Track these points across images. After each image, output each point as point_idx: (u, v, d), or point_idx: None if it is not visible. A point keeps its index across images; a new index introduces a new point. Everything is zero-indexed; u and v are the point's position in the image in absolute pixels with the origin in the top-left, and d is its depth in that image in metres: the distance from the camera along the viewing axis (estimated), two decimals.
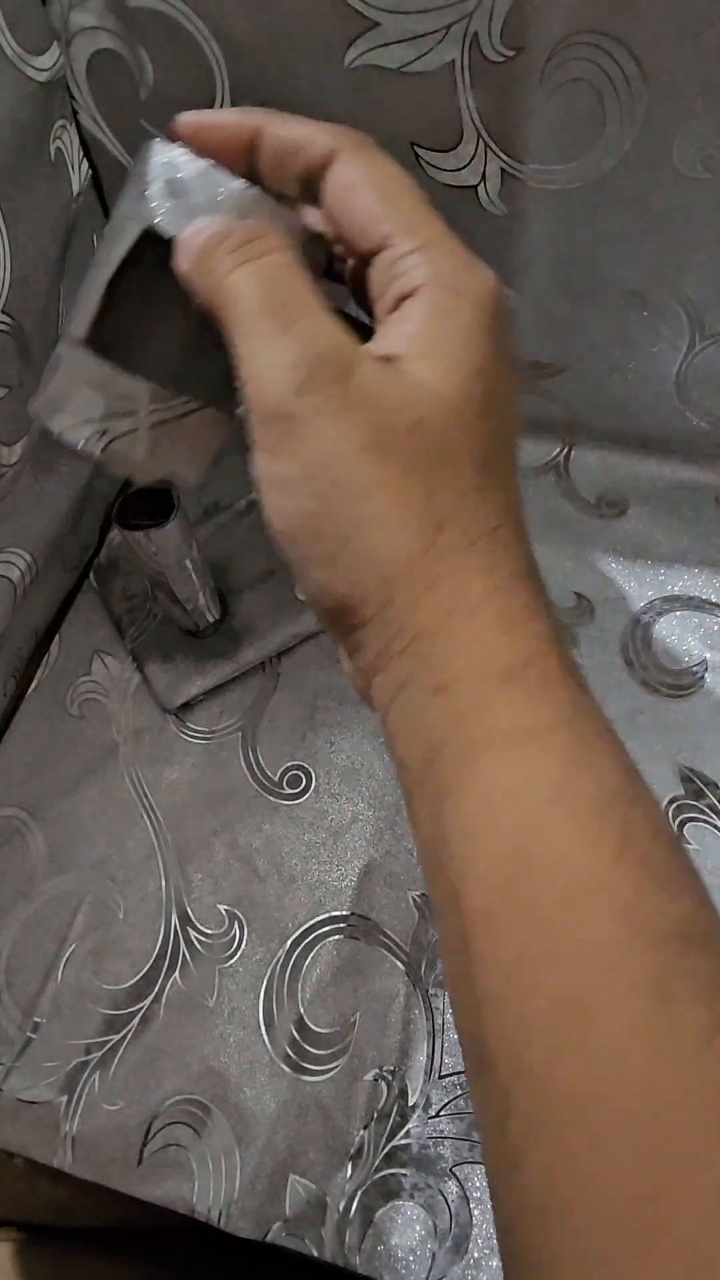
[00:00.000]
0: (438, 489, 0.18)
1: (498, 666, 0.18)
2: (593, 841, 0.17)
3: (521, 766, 0.18)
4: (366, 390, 0.18)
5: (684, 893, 0.17)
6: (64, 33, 0.33)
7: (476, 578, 0.18)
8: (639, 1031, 0.16)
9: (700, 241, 0.34)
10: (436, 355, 0.19)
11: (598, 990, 0.16)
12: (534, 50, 0.29)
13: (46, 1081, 0.31)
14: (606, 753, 0.18)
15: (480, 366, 0.19)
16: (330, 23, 0.30)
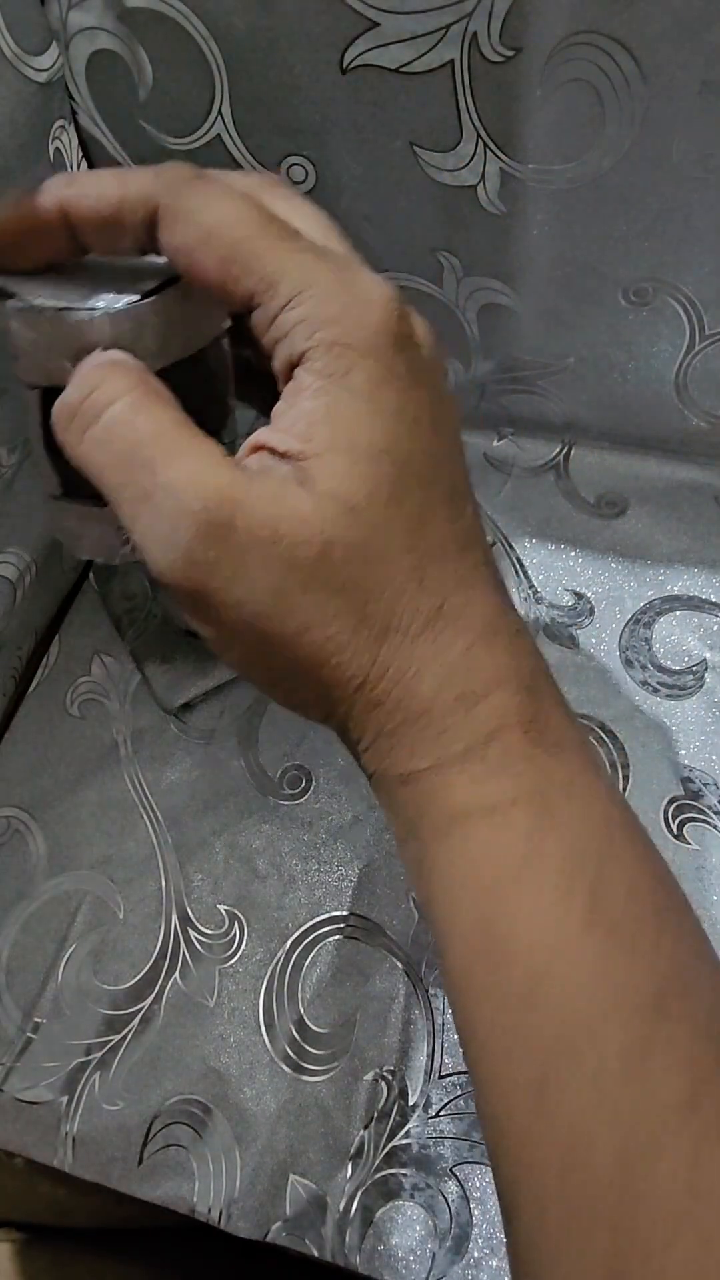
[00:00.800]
0: (368, 600, 0.17)
1: (456, 749, 0.17)
2: (559, 914, 0.17)
3: (486, 841, 0.17)
4: (256, 536, 0.16)
5: (658, 958, 0.16)
6: (63, 33, 0.33)
7: (425, 675, 0.17)
8: (607, 1112, 0.16)
9: (700, 241, 0.34)
10: (334, 449, 0.17)
11: (565, 1069, 0.16)
12: (533, 50, 0.29)
13: (47, 1082, 0.31)
14: (575, 819, 0.17)
15: (388, 439, 0.17)
16: (329, 23, 0.30)
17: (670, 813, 0.34)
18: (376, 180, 0.35)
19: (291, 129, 0.34)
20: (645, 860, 0.18)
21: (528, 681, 0.18)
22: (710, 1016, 0.16)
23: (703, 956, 0.17)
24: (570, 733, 0.18)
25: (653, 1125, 0.15)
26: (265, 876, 0.34)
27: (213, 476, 0.16)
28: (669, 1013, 0.16)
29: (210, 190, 0.18)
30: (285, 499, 0.16)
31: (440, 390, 0.18)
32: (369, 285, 0.18)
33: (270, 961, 0.32)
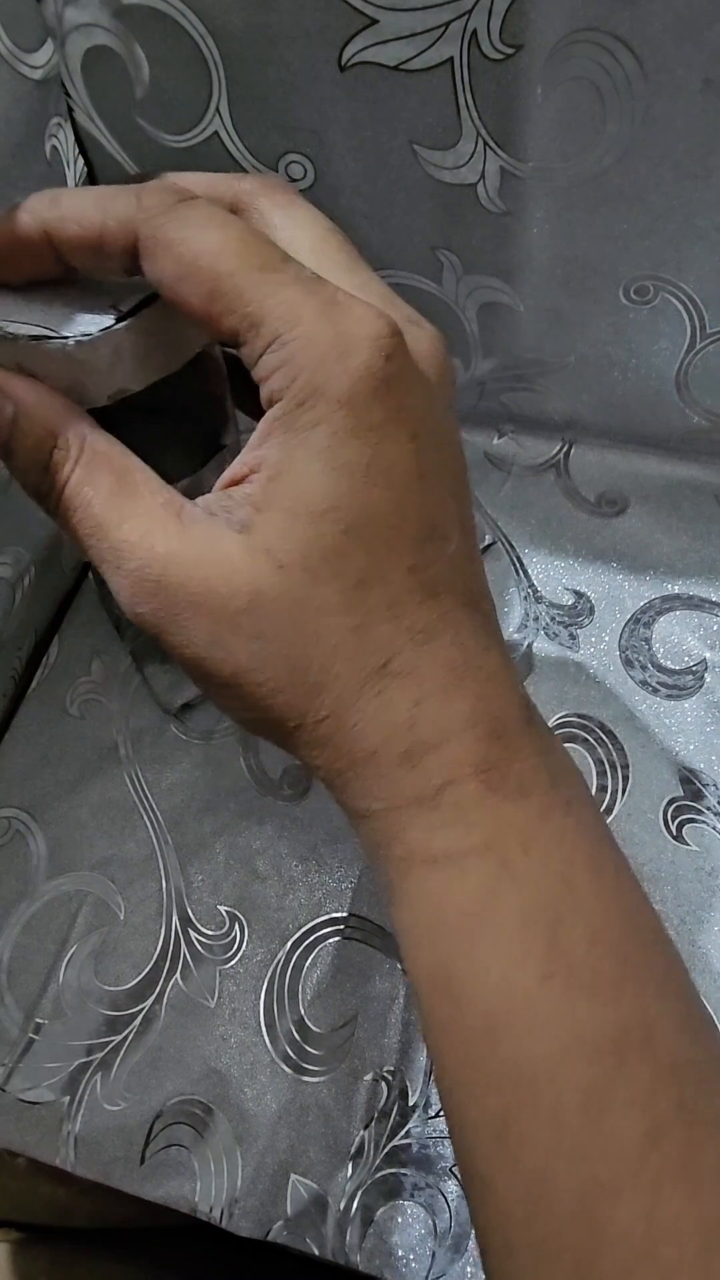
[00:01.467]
0: (302, 654, 0.17)
1: (407, 796, 0.18)
2: (516, 962, 0.17)
3: (444, 888, 0.17)
4: (187, 590, 0.17)
5: (619, 1003, 0.16)
6: (58, 30, 0.32)
7: (367, 729, 0.17)
8: (566, 1151, 0.16)
9: (701, 239, 0.34)
10: (278, 505, 0.17)
11: (525, 1109, 0.16)
12: (534, 48, 0.29)
13: (49, 1082, 0.31)
14: (533, 868, 0.17)
15: (336, 498, 0.17)
16: (327, 20, 0.30)
17: (670, 813, 0.34)
18: (376, 178, 0.35)
19: (290, 127, 0.34)
20: (612, 902, 0.18)
21: (492, 726, 0.18)
22: (673, 1058, 0.16)
23: (670, 997, 0.17)
24: (538, 775, 0.18)
25: (613, 1164, 0.15)
26: (265, 877, 0.34)
27: (147, 538, 0.17)
28: (628, 1055, 0.16)
29: (193, 218, 0.17)
30: (217, 550, 0.17)
31: (432, 426, 0.18)
32: (355, 324, 0.17)
33: (271, 962, 0.33)
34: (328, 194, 0.36)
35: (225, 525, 0.17)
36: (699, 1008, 0.18)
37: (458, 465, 0.19)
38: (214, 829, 0.35)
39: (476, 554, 0.19)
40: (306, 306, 0.16)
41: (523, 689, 0.19)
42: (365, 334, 0.16)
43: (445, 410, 0.19)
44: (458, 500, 0.18)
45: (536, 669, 0.38)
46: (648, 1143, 0.15)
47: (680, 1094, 0.16)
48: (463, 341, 0.41)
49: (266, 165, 0.35)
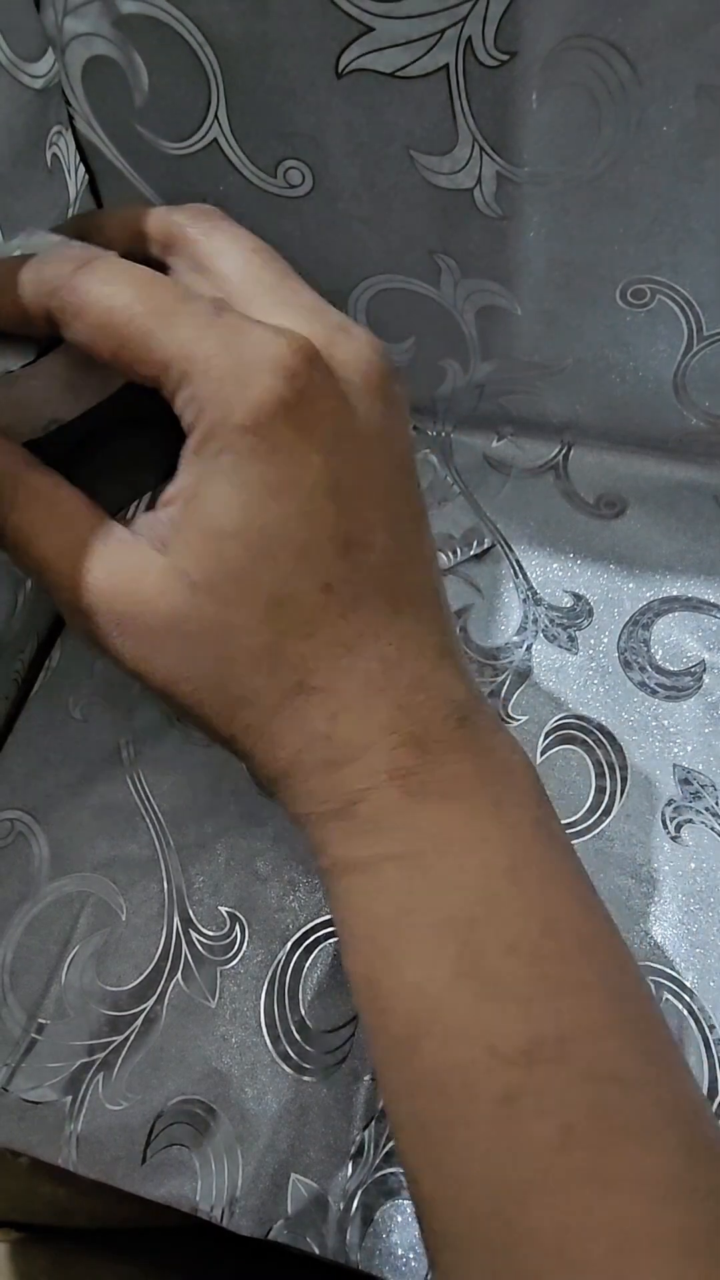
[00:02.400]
0: (220, 670, 0.18)
1: (326, 807, 0.18)
2: (431, 968, 0.17)
3: (364, 896, 0.18)
4: (111, 610, 0.18)
5: (533, 1010, 0.17)
6: (58, 39, 0.33)
7: (283, 742, 0.18)
8: (480, 1152, 0.16)
9: (697, 242, 0.34)
10: (191, 526, 0.17)
11: (442, 1112, 0.17)
12: (528, 54, 0.29)
13: (51, 1082, 0.31)
14: (449, 875, 0.18)
15: (244, 519, 0.17)
16: (323, 27, 0.30)
17: (668, 814, 0.34)
18: (373, 184, 0.35)
19: (288, 133, 0.34)
20: (534, 910, 0.18)
21: (413, 733, 0.18)
22: (590, 1066, 0.16)
23: (593, 1006, 0.17)
24: (463, 778, 0.18)
25: (524, 1167, 0.16)
26: (266, 878, 0.34)
27: (75, 568, 0.18)
28: (541, 1061, 0.16)
29: (90, 281, 0.18)
30: (136, 574, 0.18)
31: (351, 436, 0.18)
32: (254, 349, 0.17)
33: (271, 963, 0.33)
34: (326, 200, 0.36)
35: (147, 545, 0.18)
36: (636, 1013, 0.18)
37: (387, 471, 0.19)
38: (215, 830, 0.36)
39: (410, 558, 0.19)
40: (206, 341, 0.17)
41: (464, 688, 0.19)
42: (265, 357, 0.17)
43: (374, 416, 0.18)
44: (386, 506, 0.18)
45: (535, 671, 0.38)
46: (558, 1147, 0.16)
47: (595, 1100, 0.16)
48: (461, 345, 0.41)
49: (265, 171, 0.35)
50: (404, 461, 0.19)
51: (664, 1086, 0.17)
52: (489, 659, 0.38)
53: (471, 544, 0.41)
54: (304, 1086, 0.31)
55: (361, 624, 0.18)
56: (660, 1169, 0.16)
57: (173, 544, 0.18)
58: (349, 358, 0.18)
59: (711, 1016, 0.31)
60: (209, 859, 0.35)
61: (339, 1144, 0.30)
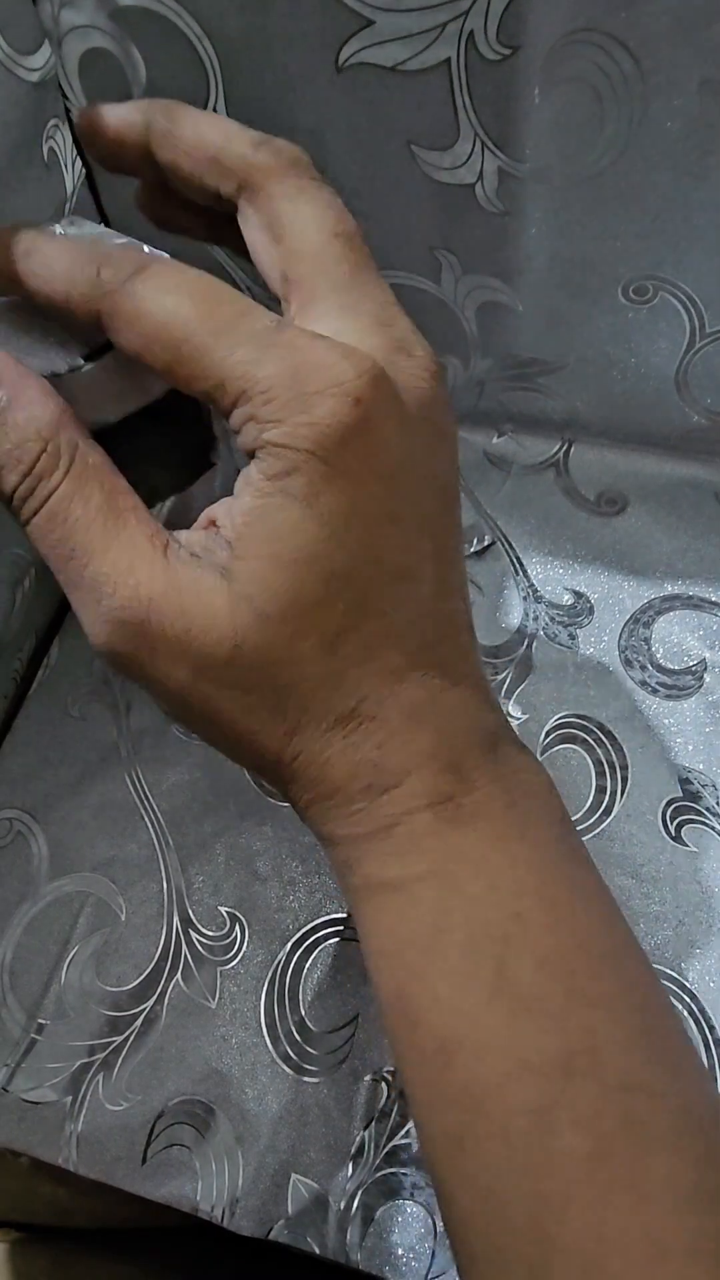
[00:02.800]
0: (279, 699, 0.18)
1: (365, 830, 0.18)
2: (465, 985, 0.17)
3: (396, 914, 0.18)
4: (169, 635, 0.17)
5: (567, 1024, 0.17)
6: (55, 32, 0.32)
7: (335, 764, 0.18)
8: (517, 1166, 0.16)
9: (700, 239, 0.34)
10: (259, 554, 0.17)
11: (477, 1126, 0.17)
12: (531, 48, 0.29)
13: (51, 1082, 0.31)
14: (482, 894, 0.18)
15: (315, 547, 0.17)
16: (324, 21, 0.30)
17: (668, 814, 0.34)
18: (374, 179, 0.35)
19: (287, 128, 0.34)
20: (563, 926, 0.18)
21: (450, 760, 0.18)
22: (621, 1078, 0.17)
23: (620, 1020, 0.17)
24: (494, 801, 0.18)
25: (561, 1180, 0.16)
26: (266, 879, 0.34)
27: (131, 574, 0.17)
28: (574, 1076, 0.16)
29: (147, 290, 0.17)
30: (202, 596, 0.17)
31: (409, 465, 0.18)
32: (320, 375, 0.16)
33: (271, 963, 0.33)
34: None
35: (209, 568, 0.17)
36: (660, 1023, 0.18)
37: (436, 501, 0.19)
38: (215, 830, 0.36)
39: (453, 588, 0.19)
40: (267, 363, 0.16)
41: (493, 714, 0.20)
42: (329, 381, 0.16)
43: (427, 444, 0.18)
44: (434, 537, 0.18)
45: (535, 669, 0.38)
46: (594, 1159, 0.16)
47: (627, 1112, 0.16)
48: (462, 341, 0.41)
49: None
50: (451, 492, 0.19)
51: (687, 1095, 0.17)
52: (489, 657, 0.38)
53: (472, 541, 0.41)
54: (304, 1087, 0.31)
55: (410, 652, 0.18)
56: (688, 1177, 0.16)
57: (236, 570, 0.17)
58: (409, 381, 0.18)
59: (712, 1017, 0.31)
60: (209, 859, 0.35)
61: (339, 1144, 0.30)
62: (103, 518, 0.17)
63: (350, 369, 0.16)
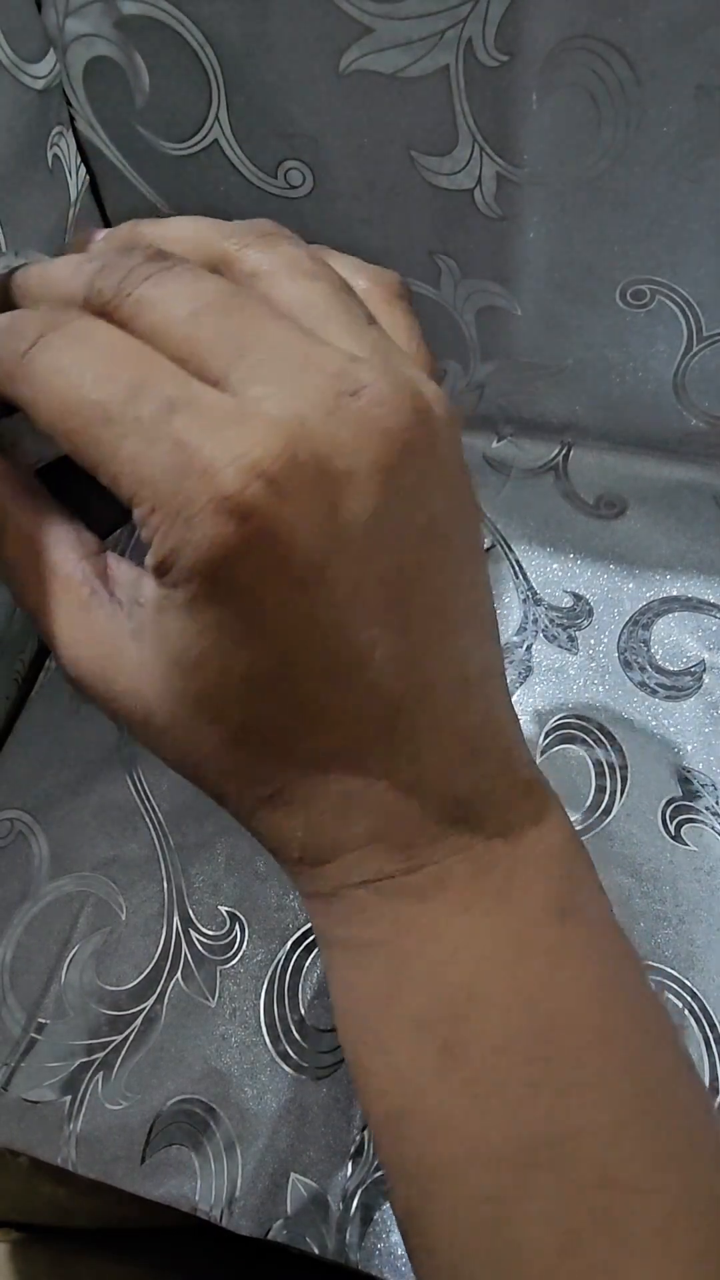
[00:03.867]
0: (196, 772, 0.17)
1: (308, 889, 0.18)
2: (413, 1059, 0.16)
3: (351, 973, 0.17)
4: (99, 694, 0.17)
5: (527, 1113, 0.16)
6: (60, 40, 0.33)
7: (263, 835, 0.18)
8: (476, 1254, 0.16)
9: (697, 243, 0.34)
10: (153, 648, 0.16)
11: (434, 1206, 0.16)
12: (528, 55, 0.29)
13: (50, 1081, 0.31)
14: (431, 971, 0.17)
15: (199, 656, 0.15)
16: (324, 28, 0.30)
17: (668, 814, 0.34)
18: (374, 184, 0.35)
19: (288, 134, 0.34)
20: (534, 1006, 0.16)
21: (397, 841, 0.17)
22: (599, 1172, 0.15)
23: (603, 1105, 0.16)
24: (452, 874, 0.17)
25: (524, 1271, 0.15)
26: (266, 878, 0.34)
27: (61, 635, 0.17)
28: (537, 1166, 0.15)
29: (45, 361, 0.15)
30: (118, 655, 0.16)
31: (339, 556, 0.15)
32: (201, 485, 0.14)
33: (271, 962, 0.33)
34: (326, 200, 0.36)
35: (125, 625, 0.16)
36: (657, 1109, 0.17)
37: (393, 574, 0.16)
38: (215, 830, 0.36)
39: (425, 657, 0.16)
40: (152, 460, 0.14)
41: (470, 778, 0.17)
42: (210, 494, 0.14)
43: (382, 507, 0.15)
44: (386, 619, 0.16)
45: (535, 671, 0.38)
46: (564, 1254, 0.15)
47: (601, 1209, 0.15)
48: (461, 345, 0.41)
49: (265, 172, 0.36)
50: (425, 554, 0.16)
51: (684, 1190, 0.16)
52: None
53: None
54: (304, 1086, 0.31)
55: (343, 741, 0.16)
56: (675, 1276, 0.15)
57: (142, 651, 0.16)
58: (357, 430, 0.15)
59: (713, 1015, 0.30)
60: (209, 858, 0.35)
61: (339, 1144, 0.30)
62: (34, 579, 0.17)
63: (233, 478, 0.14)
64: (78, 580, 0.17)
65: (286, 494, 0.14)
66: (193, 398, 0.15)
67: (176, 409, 0.15)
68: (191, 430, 0.14)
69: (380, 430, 0.15)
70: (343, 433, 0.15)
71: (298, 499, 0.14)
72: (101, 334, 0.16)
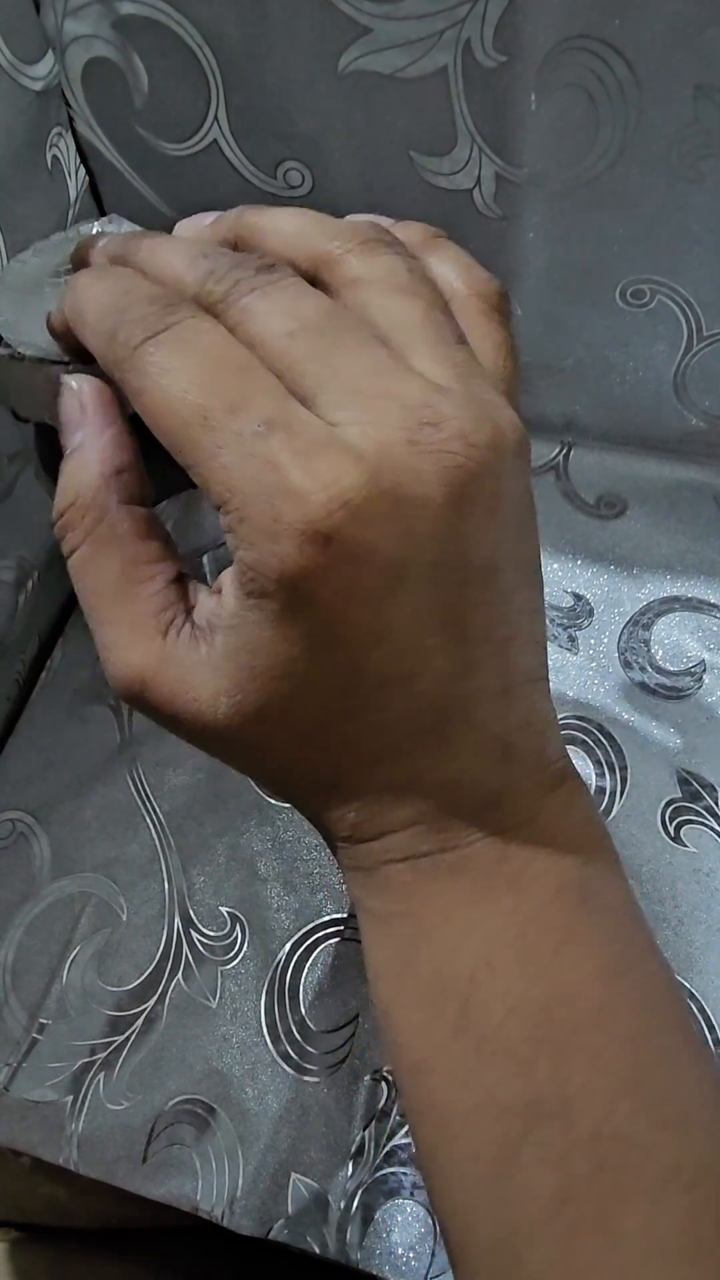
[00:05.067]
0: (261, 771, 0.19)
1: (349, 862, 0.20)
2: (431, 1019, 0.18)
3: (378, 938, 0.19)
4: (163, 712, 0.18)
5: (535, 1071, 0.17)
6: (58, 41, 0.33)
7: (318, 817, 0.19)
8: (485, 1193, 0.17)
9: (696, 242, 0.34)
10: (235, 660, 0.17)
11: (448, 1150, 0.18)
12: (526, 55, 0.29)
13: (52, 1082, 0.31)
14: (449, 941, 0.18)
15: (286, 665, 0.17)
16: (323, 29, 0.30)
17: (668, 815, 0.34)
18: (372, 184, 0.35)
19: (287, 134, 0.34)
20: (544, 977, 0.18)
21: (436, 824, 0.18)
22: (597, 1129, 0.17)
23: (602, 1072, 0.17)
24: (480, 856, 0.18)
25: (528, 1212, 0.17)
26: (267, 879, 0.35)
27: (130, 650, 0.18)
28: (542, 1117, 0.17)
29: (155, 360, 0.16)
30: (190, 685, 0.17)
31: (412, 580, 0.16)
32: (288, 505, 0.15)
33: (272, 963, 0.33)
34: (325, 200, 0.36)
35: (201, 658, 0.17)
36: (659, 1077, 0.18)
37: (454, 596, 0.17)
38: (216, 830, 0.36)
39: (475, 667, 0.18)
40: (244, 474, 0.16)
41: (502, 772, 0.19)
42: (295, 515, 0.15)
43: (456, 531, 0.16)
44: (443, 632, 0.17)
45: None
46: (561, 1199, 0.16)
47: (600, 1159, 0.17)
48: None
49: (264, 172, 0.36)
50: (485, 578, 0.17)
51: (680, 1149, 0.17)
52: None
53: None
54: (304, 1086, 0.31)
55: (395, 741, 0.18)
56: (668, 1227, 0.16)
57: (221, 665, 0.17)
58: (434, 463, 0.16)
59: (712, 1017, 0.31)
60: (210, 859, 0.35)
61: (339, 1144, 0.30)
62: (114, 588, 0.18)
63: (319, 504, 0.15)
64: (162, 604, 0.18)
65: (367, 521, 0.15)
66: (289, 420, 0.16)
67: (274, 429, 0.16)
68: (285, 453, 0.15)
69: (455, 465, 0.16)
70: (422, 464, 0.16)
71: (377, 525, 0.16)
72: (210, 339, 0.17)
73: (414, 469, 0.16)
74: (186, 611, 0.18)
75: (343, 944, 0.33)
